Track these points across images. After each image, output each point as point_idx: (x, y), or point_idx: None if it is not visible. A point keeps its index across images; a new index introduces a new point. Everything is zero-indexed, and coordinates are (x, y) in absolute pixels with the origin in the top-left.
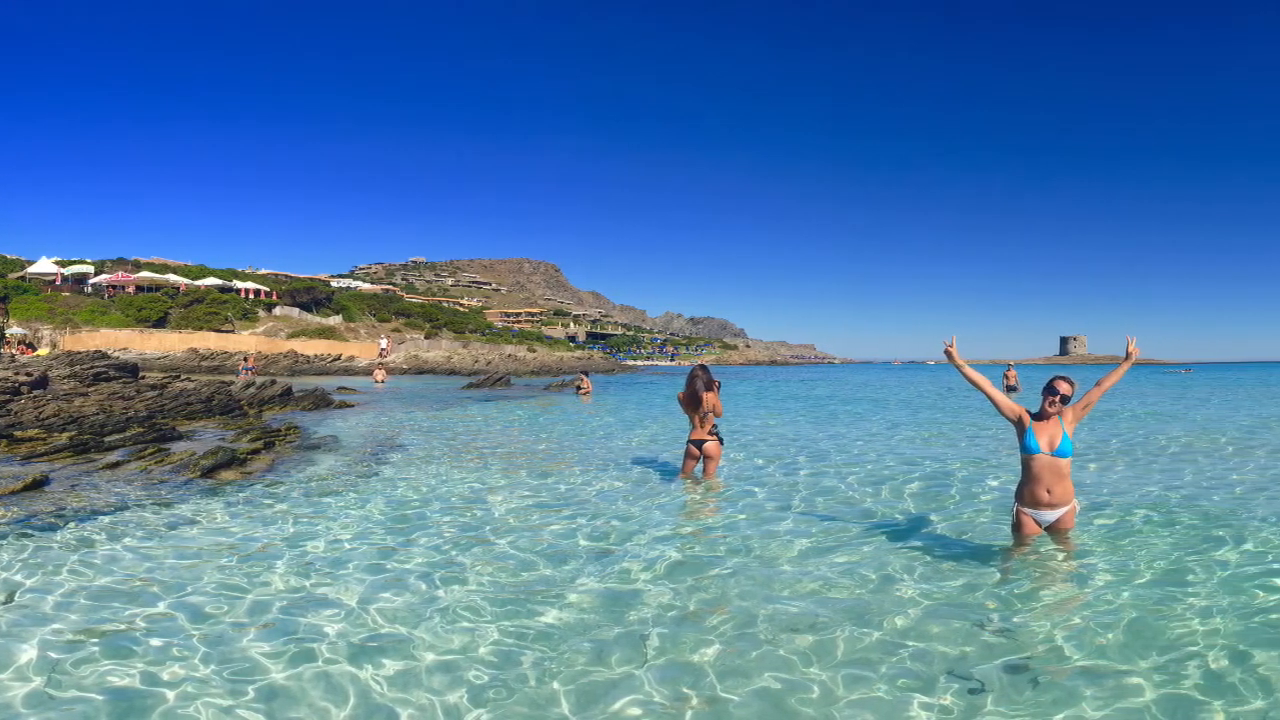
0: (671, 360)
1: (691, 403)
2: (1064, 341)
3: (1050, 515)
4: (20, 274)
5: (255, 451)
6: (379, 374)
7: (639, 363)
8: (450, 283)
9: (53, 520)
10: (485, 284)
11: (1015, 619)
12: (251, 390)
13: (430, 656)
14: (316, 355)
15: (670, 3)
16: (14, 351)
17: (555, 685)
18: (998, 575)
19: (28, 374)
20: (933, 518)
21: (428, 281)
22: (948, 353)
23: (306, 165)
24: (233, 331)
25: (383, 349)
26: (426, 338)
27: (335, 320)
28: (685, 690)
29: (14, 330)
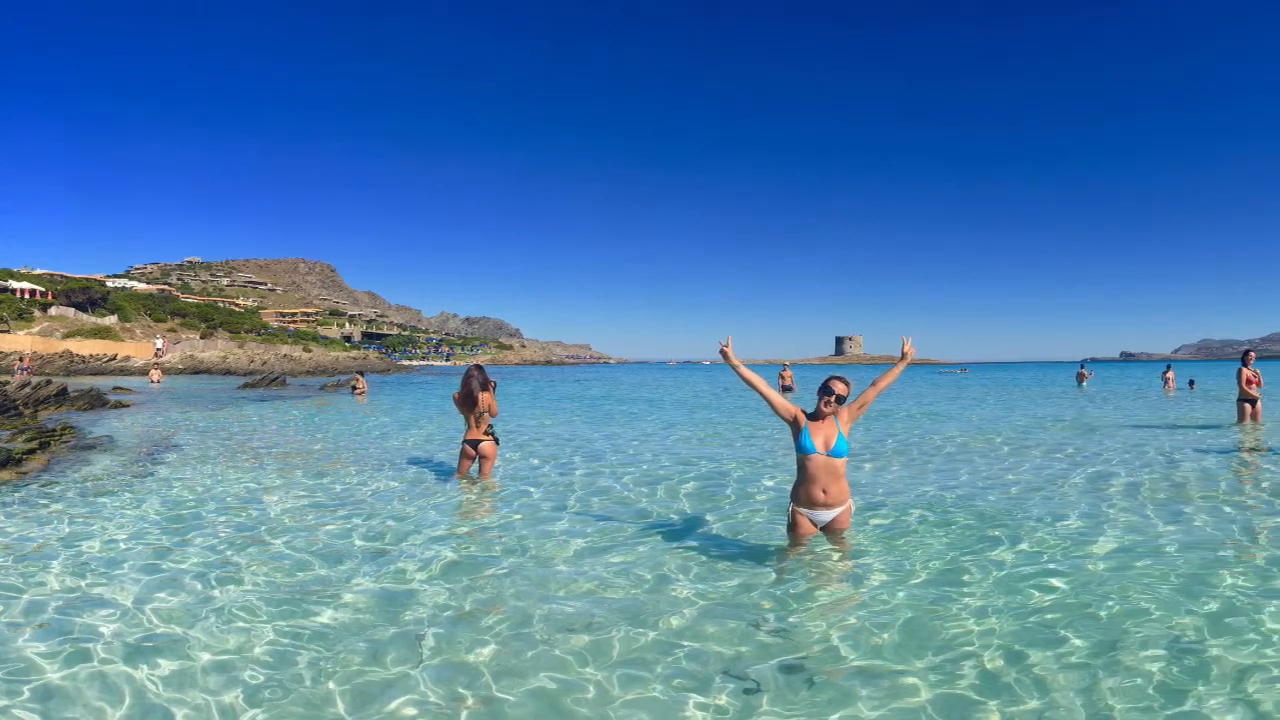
0: (447, 360)
1: (467, 403)
2: (840, 341)
3: (826, 515)
4: None
5: (31, 451)
6: (155, 374)
7: (414, 363)
8: (226, 283)
9: None
10: (261, 284)
11: (791, 619)
12: (27, 390)
13: (206, 656)
14: (92, 355)
15: (441, 1)
16: None
17: (331, 685)
18: (773, 575)
19: None
20: (708, 518)
21: (204, 282)
22: (723, 353)
23: (81, 163)
24: (8, 331)
25: (158, 349)
26: (202, 338)
27: (111, 320)
28: (461, 690)
29: None
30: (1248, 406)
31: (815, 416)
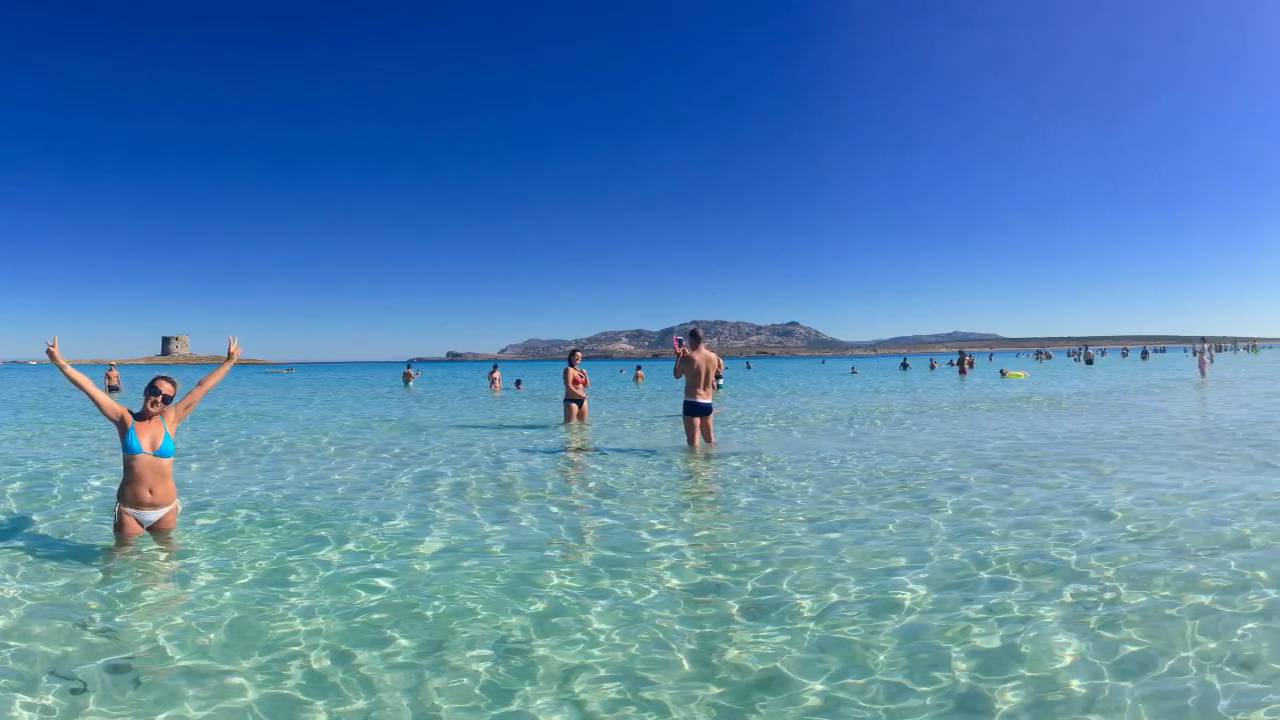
0: None
1: None
2: (166, 341)
3: (153, 515)
4: None
5: None
6: None
7: None
8: None
9: None
10: None
11: (118, 619)
12: None
13: None
14: None
15: None
16: None
17: None
18: (100, 575)
19: None
20: (35, 518)
21: None
22: (50, 353)
23: None
24: None
25: None
26: None
27: None
28: None
29: None
30: (574, 406)
31: (142, 416)
